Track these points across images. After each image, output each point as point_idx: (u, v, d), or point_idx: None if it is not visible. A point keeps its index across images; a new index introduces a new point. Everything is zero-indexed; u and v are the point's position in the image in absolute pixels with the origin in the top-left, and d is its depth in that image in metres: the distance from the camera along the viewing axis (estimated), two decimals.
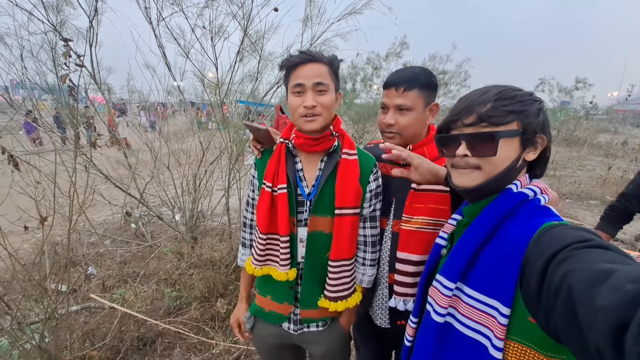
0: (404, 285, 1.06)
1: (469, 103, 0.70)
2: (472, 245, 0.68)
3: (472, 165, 0.70)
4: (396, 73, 1.08)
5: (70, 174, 1.67)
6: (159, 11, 2.45)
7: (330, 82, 0.97)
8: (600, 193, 6.46)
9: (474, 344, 0.66)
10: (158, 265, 2.90)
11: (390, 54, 10.65)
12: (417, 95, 1.03)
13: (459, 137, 0.71)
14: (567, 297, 0.47)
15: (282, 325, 1.12)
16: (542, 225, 0.61)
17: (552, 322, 0.52)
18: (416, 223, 1.03)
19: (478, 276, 0.67)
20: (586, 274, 0.46)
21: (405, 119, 1.05)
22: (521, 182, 0.70)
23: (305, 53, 0.97)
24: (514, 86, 0.71)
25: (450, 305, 0.70)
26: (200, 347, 2.19)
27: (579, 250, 0.51)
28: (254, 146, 1.13)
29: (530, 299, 0.57)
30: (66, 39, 1.67)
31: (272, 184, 1.02)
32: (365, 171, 1.06)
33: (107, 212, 4.31)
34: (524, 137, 0.68)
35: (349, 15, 2.63)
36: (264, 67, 2.91)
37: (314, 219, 1.03)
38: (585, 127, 15.08)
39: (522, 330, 0.60)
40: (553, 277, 0.51)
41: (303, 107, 0.95)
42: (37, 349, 1.65)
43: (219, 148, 3.10)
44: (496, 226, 0.67)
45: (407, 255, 1.04)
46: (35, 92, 2.42)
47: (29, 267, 1.79)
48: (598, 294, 0.43)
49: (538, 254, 0.57)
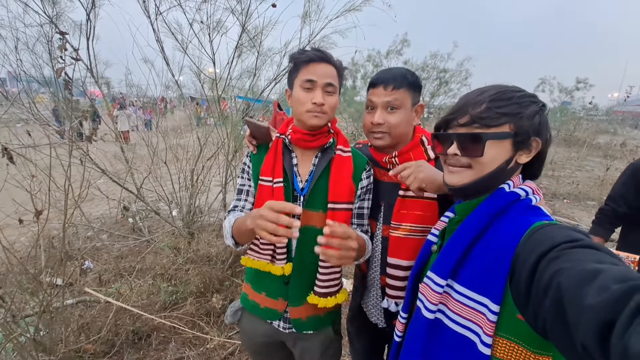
0: (395, 289, 1.07)
1: (465, 103, 0.71)
2: (464, 242, 0.69)
3: (463, 164, 0.72)
4: (383, 72, 1.06)
5: (65, 169, 1.66)
6: (156, 5, 2.43)
7: (337, 84, 1.00)
8: (598, 194, 6.48)
9: (463, 340, 0.67)
10: (154, 260, 2.91)
11: (391, 51, 10.61)
12: (405, 94, 1.03)
13: (451, 137, 0.73)
14: (555, 295, 0.48)
15: (272, 323, 1.12)
16: (533, 224, 0.62)
17: (540, 319, 0.53)
18: (404, 230, 1.04)
19: (469, 273, 0.67)
20: (575, 273, 0.47)
21: (394, 118, 1.03)
22: (514, 182, 0.71)
23: (320, 51, 0.98)
24: (515, 87, 0.71)
25: (440, 301, 0.71)
26: (195, 342, 2.20)
27: (569, 249, 0.52)
28: (249, 142, 1.14)
29: (520, 297, 0.58)
30: (62, 32, 1.66)
31: (271, 178, 1.04)
32: (359, 168, 1.07)
33: (104, 207, 4.29)
34: (516, 140, 0.68)
35: (348, 12, 2.62)
36: (262, 63, 2.90)
37: (306, 214, 1.03)
38: (584, 128, 15.09)
39: (510, 327, 0.61)
40: (542, 276, 0.52)
41: (312, 103, 0.96)
42: (32, 342, 1.66)
43: (217, 144, 3.10)
44: (488, 224, 0.68)
45: (397, 260, 1.05)
46: (33, 85, 2.41)
47: (24, 261, 1.79)
48: (586, 293, 0.43)
49: (528, 252, 0.57)
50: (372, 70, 10.82)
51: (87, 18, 2.22)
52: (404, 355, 0.79)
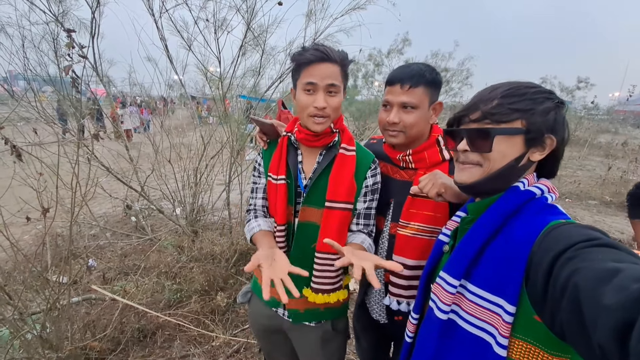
0: (398, 287, 1.06)
1: (478, 99, 0.70)
2: (477, 242, 0.67)
3: (473, 161, 0.71)
4: (400, 69, 1.03)
5: (72, 166, 1.67)
6: (162, 3, 2.43)
7: (340, 83, 0.98)
8: (599, 193, 6.48)
9: (477, 341, 0.66)
10: (158, 259, 2.91)
11: (392, 50, 10.58)
12: (422, 93, 1.00)
13: (461, 132, 0.72)
14: (573, 296, 0.47)
15: (277, 310, 1.15)
16: (549, 223, 0.61)
17: (557, 320, 0.52)
18: (412, 229, 1.03)
19: (483, 274, 0.66)
20: (592, 272, 0.46)
21: (410, 118, 1.01)
22: (528, 180, 0.69)
23: (320, 51, 0.94)
24: (530, 83, 0.70)
25: (453, 302, 0.70)
26: (200, 340, 2.20)
27: (586, 249, 0.51)
28: (260, 137, 1.16)
29: (536, 297, 0.56)
30: (69, 30, 1.66)
31: (275, 175, 1.06)
32: (363, 167, 1.07)
33: (107, 205, 4.30)
34: (528, 137, 0.66)
35: (353, 11, 2.62)
36: (267, 61, 2.90)
37: (305, 209, 1.05)
38: (586, 128, 15.07)
39: (527, 329, 0.60)
40: (559, 276, 0.51)
41: (313, 107, 0.95)
42: (39, 339, 1.66)
43: (220, 142, 3.10)
44: (502, 224, 0.66)
45: (402, 259, 1.04)
46: (35, 83, 2.41)
47: (30, 258, 1.79)
48: (604, 292, 0.42)
49: (544, 252, 0.56)
50: (373, 69, 10.80)
51: (92, 16, 2.22)
52: (417, 356, 0.78)
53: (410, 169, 1.09)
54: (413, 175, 1.08)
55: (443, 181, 0.89)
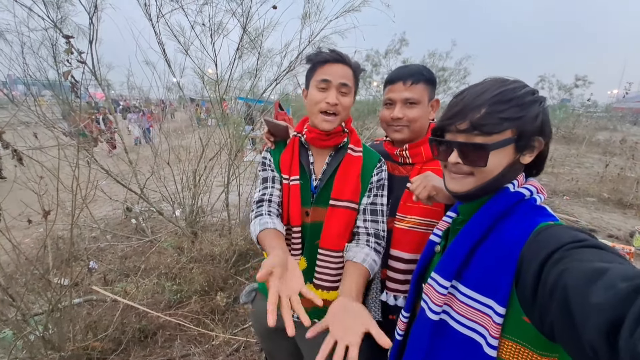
0: (394, 282, 1.09)
1: (464, 106, 0.67)
2: (468, 243, 0.68)
3: (465, 171, 0.70)
4: (400, 69, 1.09)
5: (73, 169, 1.70)
6: (158, 8, 2.47)
7: (352, 85, 1.02)
8: (597, 190, 6.50)
9: (468, 342, 0.67)
10: (158, 260, 2.94)
11: (390, 51, 10.62)
12: (423, 89, 1.05)
13: (452, 145, 0.70)
14: (562, 296, 0.48)
15: None
16: (538, 225, 0.62)
17: (547, 321, 0.52)
18: (409, 222, 1.05)
19: (473, 275, 0.67)
20: (581, 272, 0.47)
21: (413, 112, 1.06)
22: (518, 181, 0.70)
23: (336, 52, 1.00)
24: (514, 83, 0.68)
25: (445, 303, 0.70)
26: (201, 339, 2.23)
27: (574, 249, 0.52)
28: (267, 138, 1.17)
29: (526, 299, 0.57)
30: (68, 36, 1.69)
31: (288, 175, 1.07)
32: (369, 166, 1.09)
33: (107, 208, 4.33)
34: (519, 144, 0.66)
35: (347, 13, 2.65)
36: (263, 64, 2.93)
37: (316, 210, 1.06)
38: (584, 125, 15.09)
39: (516, 329, 0.61)
40: (548, 277, 0.52)
41: (325, 102, 0.98)
42: (41, 339, 1.69)
43: (219, 144, 3.13)
44: (492, 225, 0.67)
45: (399, 252, 1.07)
46: (34, 88, 2.44)
47: (32, 261, 1.82)
48: (592, 291, 0.43)
49: (534, 253, 0.57)
50: (370, 70, 10.84)
51: (90, 22, 2.25)
52: (408, 356, 0.78)
53: (408, 164, 1.13)
54: (410, 170, 1.11)
55: (434, 184, 0.91)
